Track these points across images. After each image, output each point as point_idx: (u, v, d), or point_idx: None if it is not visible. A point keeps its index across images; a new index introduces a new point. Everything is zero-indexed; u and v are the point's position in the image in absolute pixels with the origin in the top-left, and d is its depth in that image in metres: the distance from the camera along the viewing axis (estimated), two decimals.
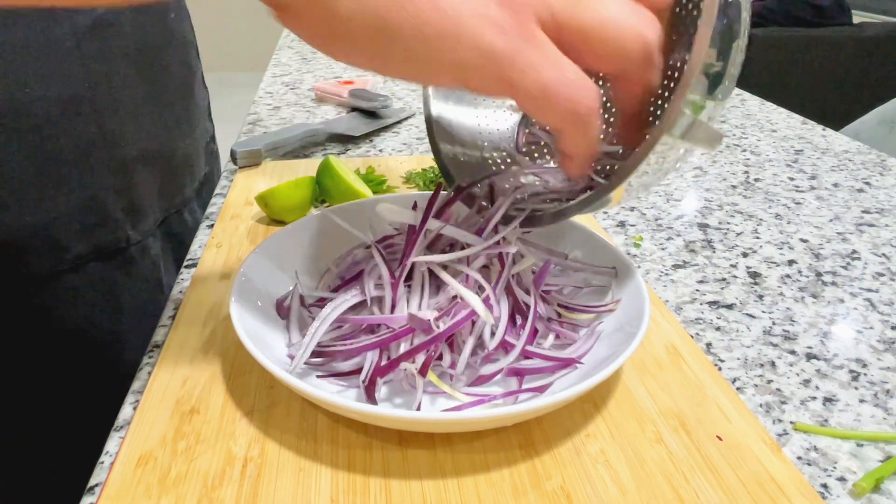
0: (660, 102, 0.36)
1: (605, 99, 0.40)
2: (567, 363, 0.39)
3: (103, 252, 0.49)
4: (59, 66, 0.43)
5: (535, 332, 0.40)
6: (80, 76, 0.45)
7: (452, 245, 0.41)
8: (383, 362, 0.37)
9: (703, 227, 0.65)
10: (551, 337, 0.41)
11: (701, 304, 0.51)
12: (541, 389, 0.37)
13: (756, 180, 0.77)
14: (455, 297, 0.37)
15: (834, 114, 1.85)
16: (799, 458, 0.37)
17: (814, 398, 0.42)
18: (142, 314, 0.52)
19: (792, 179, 0.77)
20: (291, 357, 0.38)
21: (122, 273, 0.51)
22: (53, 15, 0.42)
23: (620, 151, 0.37)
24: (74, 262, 0.47)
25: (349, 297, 0.40)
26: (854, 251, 0.60)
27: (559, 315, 0.43)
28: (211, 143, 0.69)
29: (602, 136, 0.37)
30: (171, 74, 0.56)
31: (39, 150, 0.43)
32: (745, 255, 0.59)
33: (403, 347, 0.37)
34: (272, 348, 0.39)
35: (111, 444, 0.36)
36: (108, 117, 0.48)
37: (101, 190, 0.48)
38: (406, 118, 0.96)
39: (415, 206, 0.43)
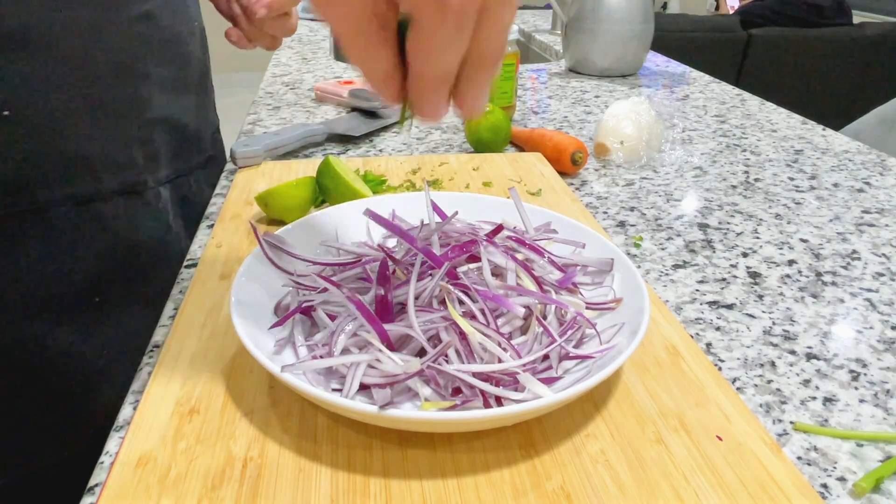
0: None
1: None
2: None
3: (127, 189, 0.60)
4: (114, 41, 0.56)
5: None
6: (127, 51, 0.58)
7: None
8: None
9: (703, 227, 0.65)
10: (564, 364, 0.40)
11: (701, 304, 0.51)
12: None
13: (756, 180, 0.77)
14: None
15: (834, 114, 1.85)
16: (799, 458, 0.37)
17: (814, 398, 0.42)
18: (154, 245, 0.63)
19: (792, 179, 0.77)
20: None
21: (141, 211, 0.61)
22: (112, 4, 0.56)
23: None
24: (107, 194, 0.58)
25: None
26: (854, 251, 0.61)
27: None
28: (216, 133, 0.79)
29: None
30: (190, 65, 0.68)
31: (93, 100, 0.56)
32: (745, 255, 0.59)
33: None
34: (272, 348, 0.39)
35: (111, 444, 0.36)
36: (143, 86, 0.60)
37: (131, 139, 0.60)
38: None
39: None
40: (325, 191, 0.61)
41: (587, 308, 0.44)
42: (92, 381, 0.60)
